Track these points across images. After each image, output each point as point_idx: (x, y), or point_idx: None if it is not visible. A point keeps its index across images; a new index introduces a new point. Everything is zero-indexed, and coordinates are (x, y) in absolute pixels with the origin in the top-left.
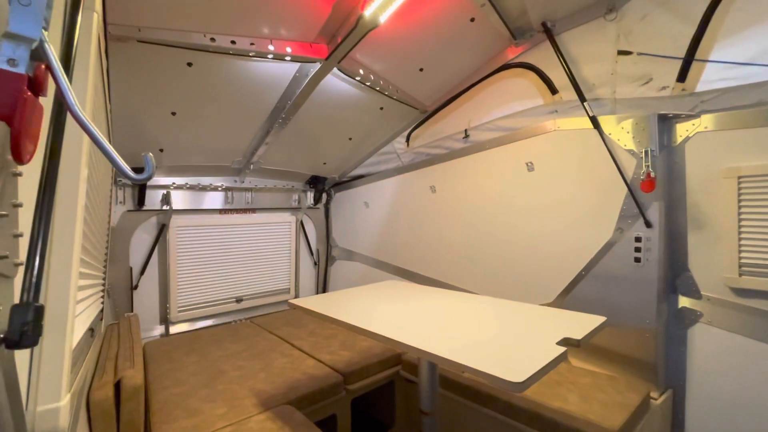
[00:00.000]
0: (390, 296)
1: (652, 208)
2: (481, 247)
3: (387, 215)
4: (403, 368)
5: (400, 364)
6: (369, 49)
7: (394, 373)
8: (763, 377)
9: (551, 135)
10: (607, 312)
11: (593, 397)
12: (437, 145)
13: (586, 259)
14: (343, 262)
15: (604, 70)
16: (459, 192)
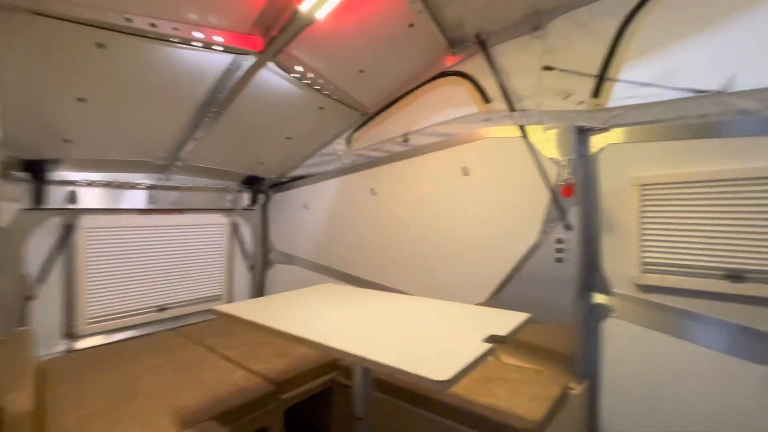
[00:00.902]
0: (325, 300)
1: (572, 212)
2: (419, 250)
3: (327, 217)
4: (340, 373)
5: (337, 370)
6: (307, 45)
7: (331, 379)
8: (664, 364)
9: (484, 142)
10: (533, 309)
11: (520, 391)
12: (378, 147)
13: (515, 260)
14: (282, 266)
15: (531, 83)
16: (398, 195)
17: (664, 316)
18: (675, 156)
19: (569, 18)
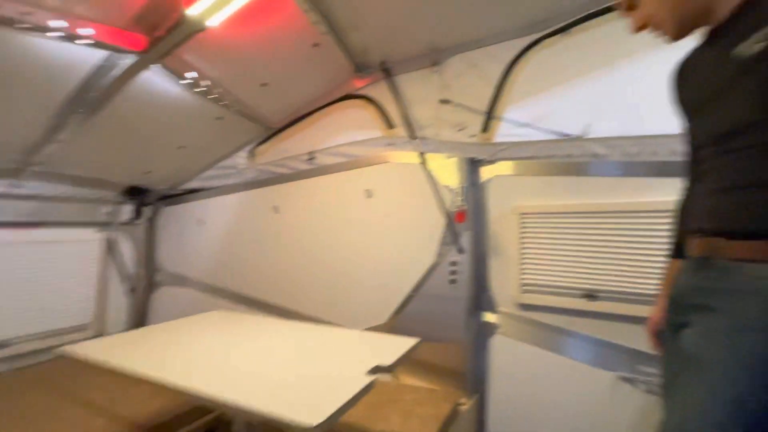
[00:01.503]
0: (208, 332)
1: (464, 236)
2: (322, 270)
3: (225, 235)
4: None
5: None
6: (202, 52)
7: (216, 418)
8: (542, 377)
9: (388, 166)
10: (430, 328)
11: (413, 412)
12: (282, 163)
13: (414, 281)
14: (171, 288)
15: (430, 113)
16: (302, 214)
17: (539, 332)
18: (548, 189)
19: (463, 58)
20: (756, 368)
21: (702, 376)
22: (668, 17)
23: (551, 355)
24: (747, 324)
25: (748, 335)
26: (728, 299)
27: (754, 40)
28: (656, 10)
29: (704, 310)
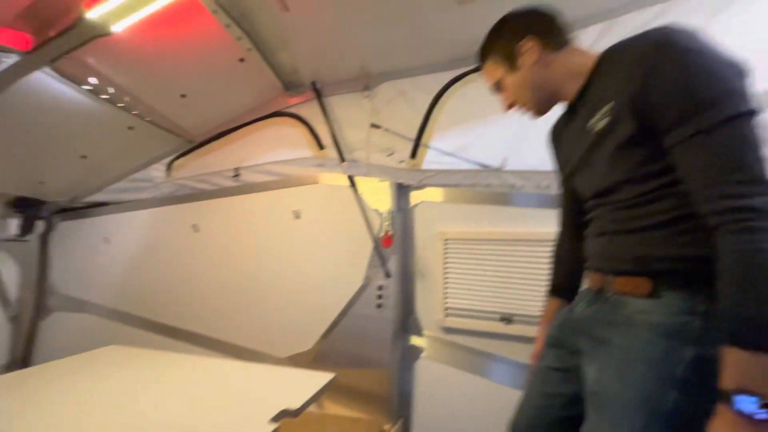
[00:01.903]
0: (102, 374)
1: (391, 260)
2: (245, 294)
3: (136, 255)
4: None
5: None
6: (108, 57)
7: None
8: (465, 399)
9: (317, 187)
10: (357, 353)
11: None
12: (204, 179)
13: (342, 305)
14: (66, 314)
15: (361, 136)
16: (225, 233)
17: (462, 355)
18: (471, 216)
19: (394, 85)
20: (649, 399)
21: (603, 413)
22: (528, 101)
23: (474, 378)
24: (634, 356)
25: (637, 367)
26: (619, 331)
27: (598, 116)
28: (518, 95)
29: (602, 343)
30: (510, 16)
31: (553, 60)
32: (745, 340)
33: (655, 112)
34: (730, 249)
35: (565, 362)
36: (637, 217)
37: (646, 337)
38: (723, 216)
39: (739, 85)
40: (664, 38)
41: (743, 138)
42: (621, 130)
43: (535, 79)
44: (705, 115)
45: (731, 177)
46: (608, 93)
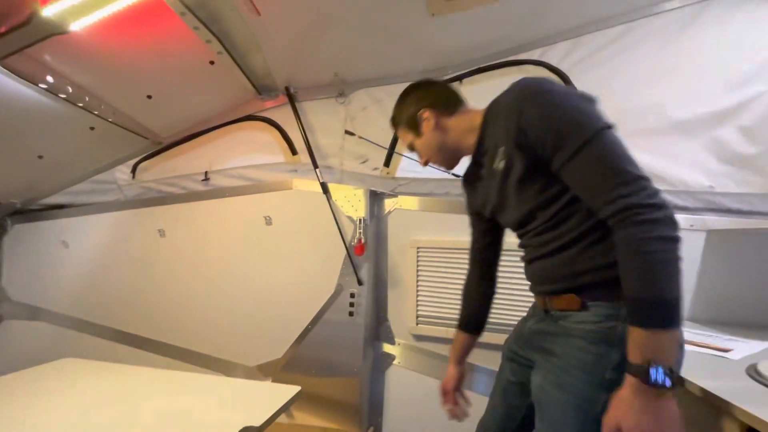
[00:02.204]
0: (54, 392)
1: (364, 268)
2: (215, 302)
3: (97, 260)
4: None
5: None
6: (67, 56)
7: None
8: (434, 406)
9: (289, 193)
10: (328, 360)
11: None
12: (172, 182)
13: (313, 313)
14: (19, 323)
15: (335, 143)
16: (193, 239)
17: (434, 363)
18: (443, 225)
19: (368, 93)
20: (583, 402)
21: (545, 418)
22: (436, 159)
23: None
24: (571, 363)
25: (573, 373)
26: (559, 341)
27: (497, 160)
28: (427, 155)
29: (546, 353)
30: (410, 89)
31: (448, 123)
32: (645, 321)
33: (536, 147)
34: (622, 242)
35: (520, 376)
36: (552, 239)
37: (580, 345)
38: (614, 217)
39: (591, 108)
40: (525, 88)
41: (610, 147)
42: (516, 168)
43: (437, 141)
44: (573, 138)
45: (612, 182)
46: (498, 140)
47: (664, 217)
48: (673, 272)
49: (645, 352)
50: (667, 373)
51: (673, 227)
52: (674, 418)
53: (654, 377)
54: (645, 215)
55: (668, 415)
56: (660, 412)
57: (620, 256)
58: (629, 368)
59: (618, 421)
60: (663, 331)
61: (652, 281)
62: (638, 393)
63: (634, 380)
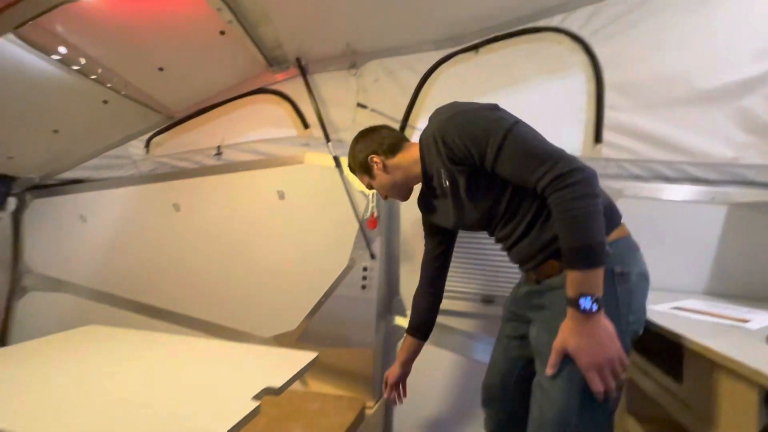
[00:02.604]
0: (71, 355)
1: (376, 242)
2: (229, 275)
3: (114, 234)
4: None
5: None
6: (78, 25)
7: None
8: (445, 377)
9: (302, 167)
10: (341, 333)
11: (316, 423)
12: (185, 157)
13: (326, 287)
14: (44, 294)
15: (347, 116)
16: (207, 213)
17: (445, 335)
18: None
19: (381, 64)
20: None
21: (542, 361)
22: (391, 195)
23: (455, 356)
24: (557, 311)
25: (560, 318)
26: (547, 297)
27: (442, 180)
28: (384, 192)
29: (538, 309)
30: (357, 138)
31: (394, 162)
32: (577, 264)
33: (466, 159)
34: (553, 206)
35: (519, 331)
36: (516, 226)
37: (562, 295)
38: (546, 190)
39: (497, 112)
40: (440, 117)
41: (522, 138)
42: (460, 181)
43: (388, 180)
44: (491, 142)
45: (534, 164)
46: (436, 165)
47: (582, 178)
48: (595, 222)
49: (577, 287)
50: (594, 301)
51: (591, 186)
52: (607, 332)
53: (583, 305)
54: (566, 181)
55: (601, 332)
56: (594, 330)
57: (555, 217)
58: (568, 303)
59: (563, 344)
60: (591, 270)
61: (578, 231)
62: (575, 320)
63: (571, 310)
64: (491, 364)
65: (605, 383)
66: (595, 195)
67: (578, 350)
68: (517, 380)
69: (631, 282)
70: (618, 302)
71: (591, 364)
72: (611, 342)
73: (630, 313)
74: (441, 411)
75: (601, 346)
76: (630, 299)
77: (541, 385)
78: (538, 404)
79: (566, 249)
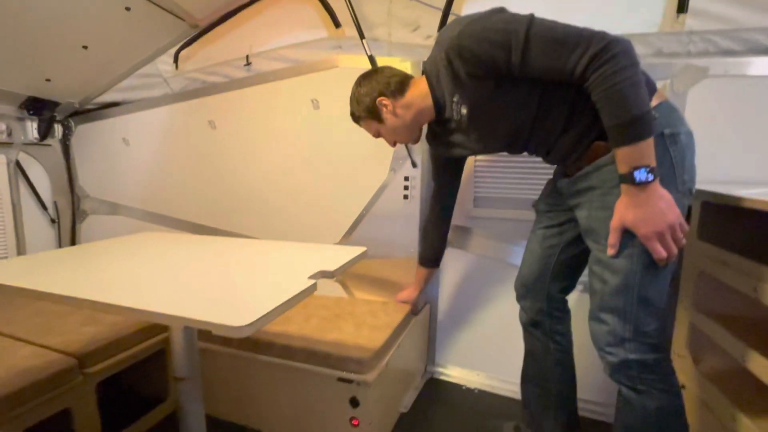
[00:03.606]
0: (135, 251)
1: (417, 150)
2: (267, 190)
3: (156, 156)
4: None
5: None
6: None
7: (164, 340)
8: (487, 284)
9: (335, 72)
10: (382, 246)
11: (365, 322)
12: (214, 71)
13: (367, 199)
14: (102, 217)
15: (382, 9)
16: (242, 128)
17: (487, 242)
18: None
19: None
20: None
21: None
22: (403, 138)
23: (498, 263)
24: (608, 186)
25: (614, 192)
26: (594, 177)
27: (458, 106)
28: (394, 137)
29: (585, 191)
30: (359, 81)
31: (403, 102)
32: (627, 140)
33: (489, 68)
34: (596, 85)
35: (557, 219)
36: (553, 127)
37: (609, 176)
38: (586, 72)
39: (507, 13)
40: (448, 35)
41: (547, 26)
42: (481, 98)
43: (399, 122)
44: (514, 40)
45: (568, 49)
46: (448, 91)
47: (620, 50)
48: (640, 91)
49: (630, 161)
50: (649, 171)
51: (630, 56)
52: (665, 199)
53: (639, 177)
54: (604, 57)
55: (659, 200)
56: (651, 199)
57: (597, 96)
58: (621, 180)
59: (621, 220)
60: (642, 141)
61: (626, 105)
62: (630, 194)
63: (626, 186)
64: (527, 257)
65: (668, 249)
66: (635, 64)
67: (637, 222)
68: (555, 266)
69: (681, 142)
70: (672, 164)
71: (652, 233)
72: (670, 208)
73: (684, 172)
74: (480, 312)
75: (661, 214)
76: (683, 159)
77: (599, 260)
78: (598, 278)
79: (614, 126)
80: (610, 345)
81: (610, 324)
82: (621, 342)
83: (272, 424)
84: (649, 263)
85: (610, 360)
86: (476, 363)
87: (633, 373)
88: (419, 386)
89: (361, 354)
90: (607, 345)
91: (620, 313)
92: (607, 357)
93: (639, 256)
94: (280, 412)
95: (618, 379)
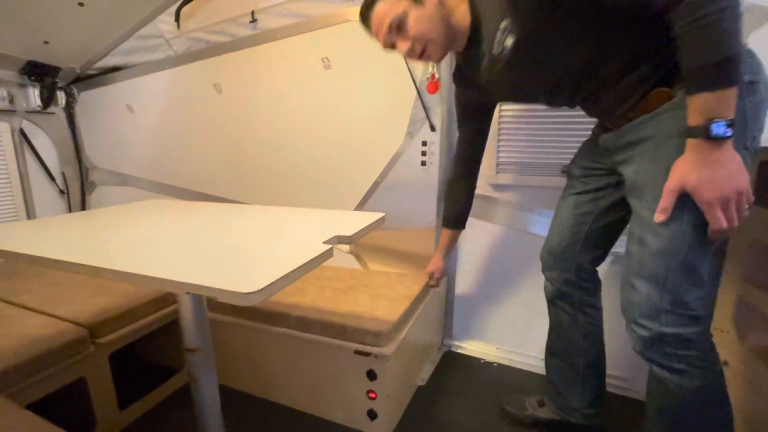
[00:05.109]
0: (143, 218)
1: (437, 112)
2: (277, 158)
3: (161, 123)
4: None
5: None
6: None
7: (176, 310)
8: (507, 253)
9: (347, 26)
10: (399, 215)
11: (382, 294)
12: (218, 30)
13: (382, 166)
14: (111, 188)
15: None
16: (249, 92)
17: (507, 212)
18: None
19: None
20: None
21: (647, 195)
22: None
23: (518, 233)
24: (666, 133)
25: (671, 141)
26: (649, 125)
27: (503, 38)
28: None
29: (635, 144)
30: None
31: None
32: (708, 83)
33: None
34: (681, 18)
35: (594, 184)
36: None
37: (675, 114)
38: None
39: None
40: None
41: None
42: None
43: (441, 13)
44: None
45: None
46: (495, 18)
47: None
48: (737, 28)
49: (708, 111)
50: (727, 125)
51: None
52: (737, 161)
53: (716, 131)
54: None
55: (731, 161)
56: (722, 158)
57: (685, 28)
58: (690, 133)
59: (681, 182)
60: (728, 90)
61: (718, 42)
62: (700, 150)
63: (696, 141)
64: (555, 224)
65: (729, 220)
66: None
67: (702, 184)
68: (587, 234)
69: (759, 93)
70: (746, 117)
71: (717, 198)
72: (741, 173)
73: (755, 128)
74: (499, 284)
75: (732, 178)
76: (758, 112)
77: (641, 218)
78: (637, 239)
79: (697, 68)
80: (643, 316)
81: (645, 293)
82: (657, 314)
83: (288, 397)
84: (699, 224)
85: (642, 334)
86: (495, 337)
87: (668, 350)
88: (436, 360)
89: (378, 326)
90: (641, 316)
91: (659, 281)
92: (638, 331)
93: (689, 219)
94: (296, 384)
95: (650, 356)
